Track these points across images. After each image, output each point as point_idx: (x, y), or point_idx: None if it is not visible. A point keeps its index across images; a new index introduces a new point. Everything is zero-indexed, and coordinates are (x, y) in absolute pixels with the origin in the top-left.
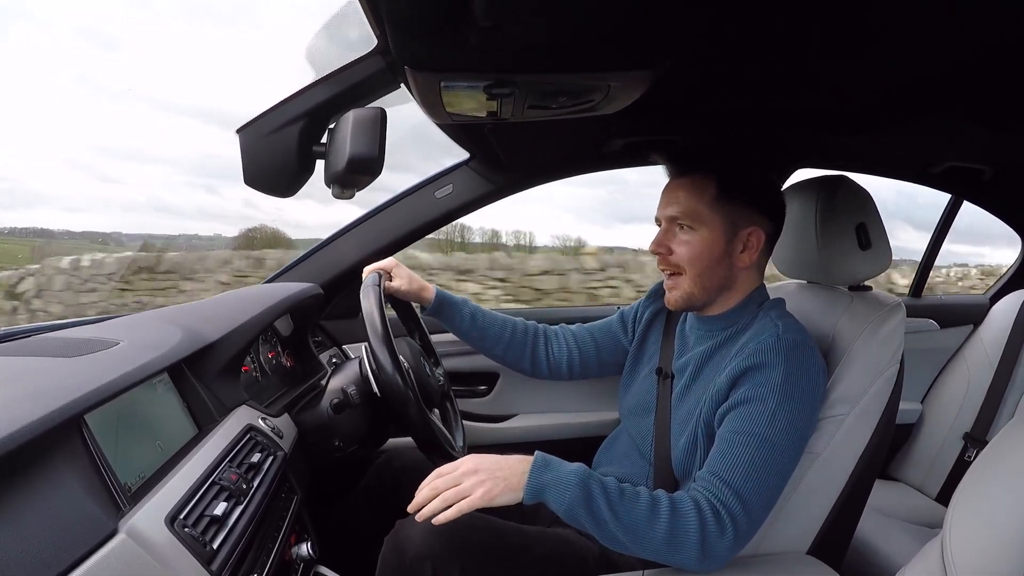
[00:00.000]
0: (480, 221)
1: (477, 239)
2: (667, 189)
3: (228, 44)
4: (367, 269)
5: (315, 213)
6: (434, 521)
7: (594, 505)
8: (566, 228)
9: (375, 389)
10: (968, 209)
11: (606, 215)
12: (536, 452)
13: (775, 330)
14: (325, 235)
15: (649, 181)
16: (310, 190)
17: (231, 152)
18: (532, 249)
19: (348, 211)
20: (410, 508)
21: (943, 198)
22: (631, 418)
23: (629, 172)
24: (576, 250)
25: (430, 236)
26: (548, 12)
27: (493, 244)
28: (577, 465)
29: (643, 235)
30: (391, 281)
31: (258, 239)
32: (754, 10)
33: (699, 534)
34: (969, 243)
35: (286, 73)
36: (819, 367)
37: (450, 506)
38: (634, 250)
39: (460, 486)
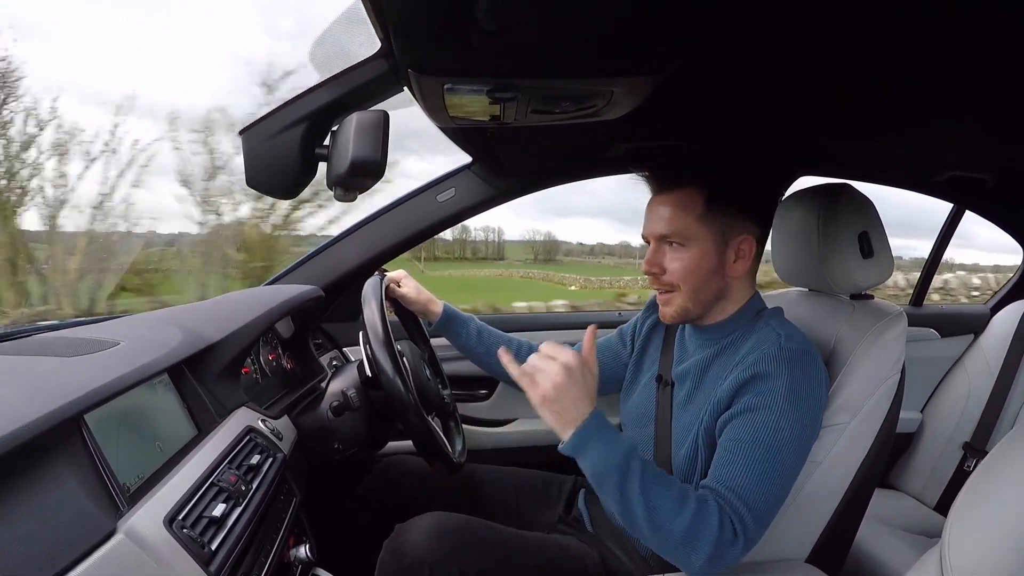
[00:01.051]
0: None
1: (448, 236)
2: (651, 206)
3: (152, 32)
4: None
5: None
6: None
7: (628, 480)
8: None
9: (367, 372)
10: (902, 201)
11: (543, 210)
12: (594, 409)
13: (777, 339)
14: None
15: None
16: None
17: (163, 146)
18: (500, 246)
19: None
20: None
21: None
22: (632, 426)
23: None
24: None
25: None
26: (551, 17)
27: (462, 240)
28: (625, 437)
29: (578, 229)
30: (399, 288)
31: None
32: (757, 16)
33: (716, 538)
34: (901, 236)
35: (211, 63)
36: (822, 376)
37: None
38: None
39: (541, 386)
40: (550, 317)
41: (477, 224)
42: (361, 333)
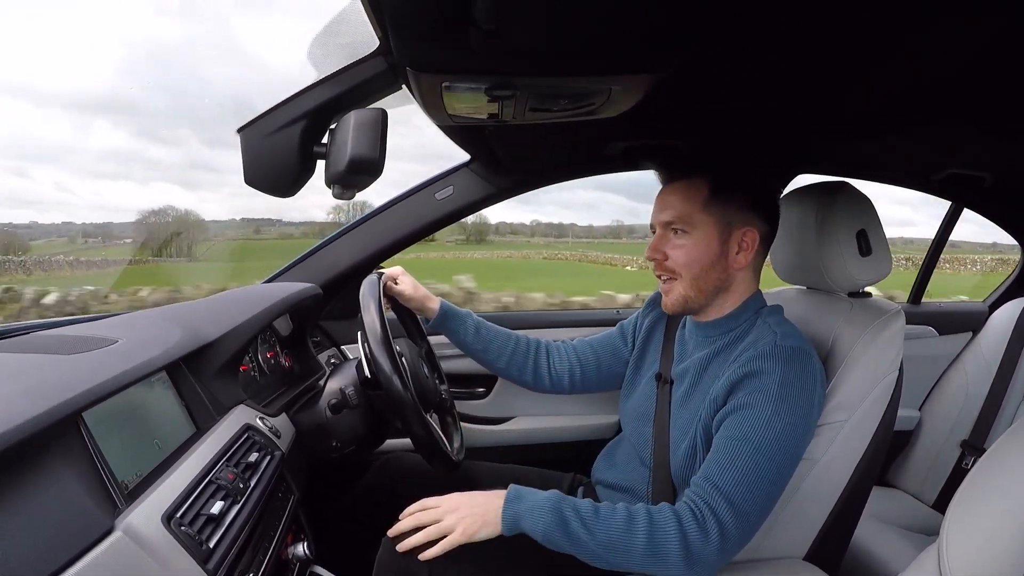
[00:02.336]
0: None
1: None
2: (660, 195)
3: (34, 14)
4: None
5: (133, 195)
6: (421, 556)
7: (570, 528)
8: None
9: (367, 373)
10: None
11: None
12: (510, 485)
13: (773, 337)
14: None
15: None
16: (128, 171)
17: (44, 131)
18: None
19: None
20: (390, 534)
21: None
22: (631, 424)
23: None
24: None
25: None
26: (549, 16)
27: None
28: (550, 492)
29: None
30: (396, 285)
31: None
32: (756, 16)
33: (680, 542)
34: None
35: (102, 48)
36: (817, 374)
37: (433, 543)
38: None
39: (442, 523)
40: (547, 316)
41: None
42: (360, 333)
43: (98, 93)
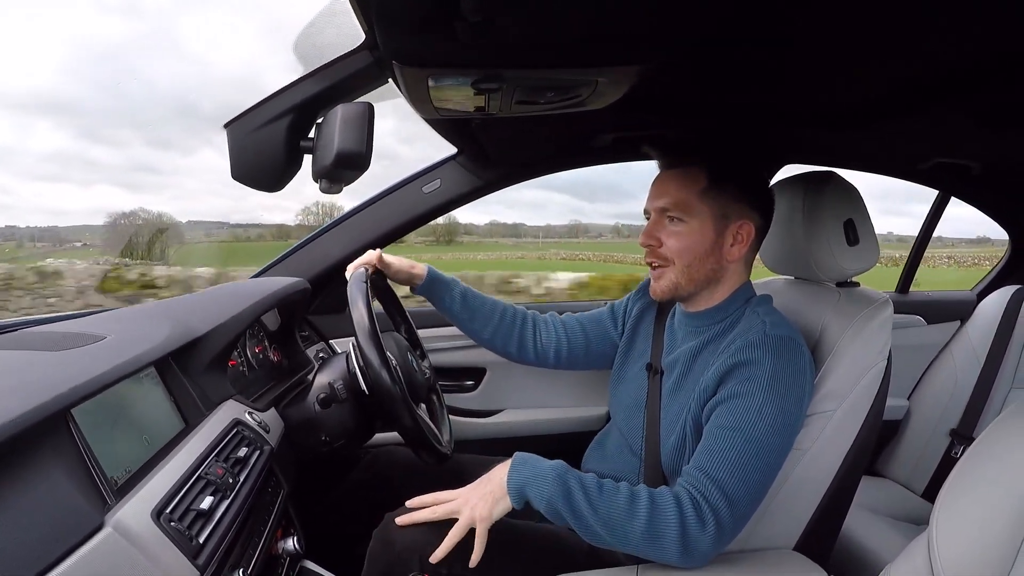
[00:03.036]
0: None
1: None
2: (657, 181)
3: None
4: (351, 266)
5: (74, 197)
6: (449, 538)
7: (573, 499)
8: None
9: (364, 387)
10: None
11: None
12: (515, 452)
13: (762, 327)
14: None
15: (421, 157)
16: (65, 172)
17: None
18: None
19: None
20: (399, 521)
21: None
22: (622, 415)
23: (402, 146)
24: None
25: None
26: (536, 7)
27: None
28: (555, 461)
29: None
30: (379, 263)
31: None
32: (743, 8)
33: (678, 528)
34: None
35: (42, 47)
36: (806, 363)
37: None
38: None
39: (449, 504)
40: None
41: (498, 205)
42: (352, 341)
43: (38, 93)
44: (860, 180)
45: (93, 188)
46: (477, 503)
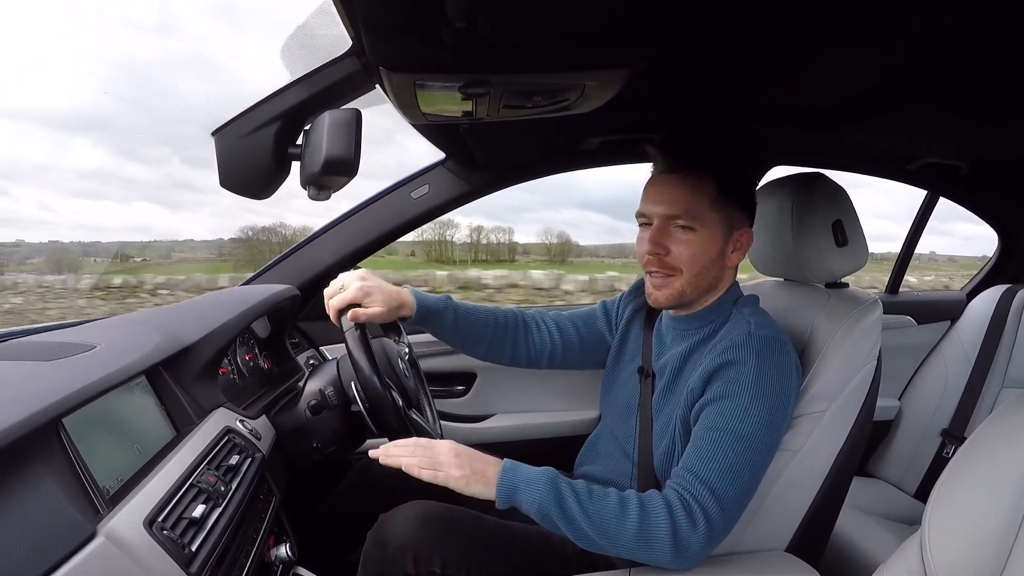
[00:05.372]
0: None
1: (465, 237)
2: (659, 184)
3: (6, 29)
4: (333, 308)
5: (113, 214)
6: (407, 470)
7: (564, 504)
8: None
9: (360, 405)
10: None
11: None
12: (504, 459)
13: (747, 327)
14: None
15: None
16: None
17: (18, 150)
18: (513, 246)
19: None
20: (374, 453)
21: None
22: (614, 418)
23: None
24: None
25: None
26: (522, 12)
27: (476, 242)
28: (545, 468)
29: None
30: (367, 309)
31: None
32: (729, 8)
33: (669, 530)
34: None
35: (79, 65)
36: (792, 363)
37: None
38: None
39: (438, 461)
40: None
41: (490, 224)
42: (354, 383)
43: (76, 110)
44: (887, 198)
45: (132, 205)
46: (466, 467)
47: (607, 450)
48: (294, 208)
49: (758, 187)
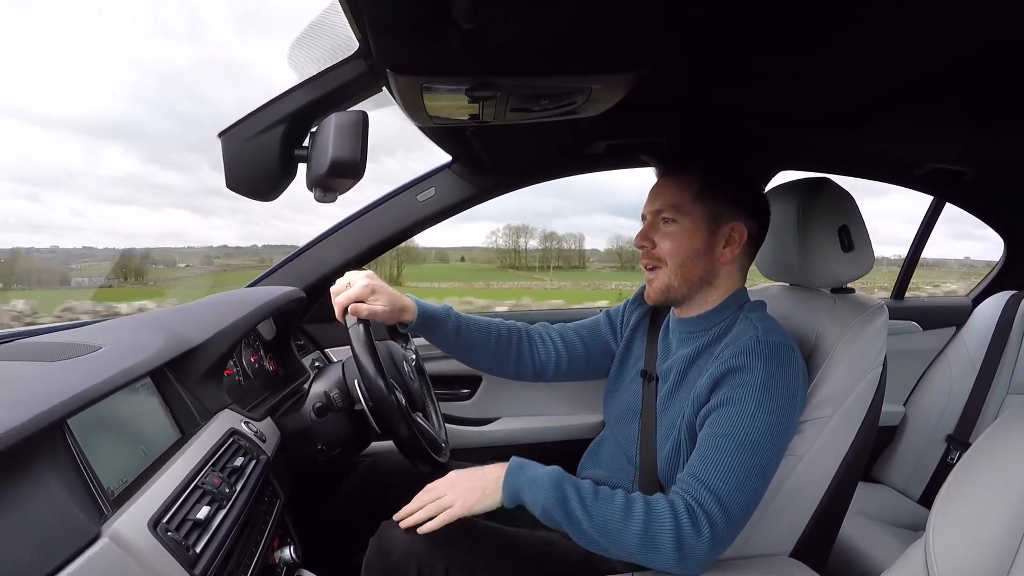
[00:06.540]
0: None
1: (535, 243)
2: (655, 187)
3: (39, 36)
4: (339, 304)
5: (145, 220)
6: (419, 530)
7: (569, 505)
8: None
9: (363, 405)
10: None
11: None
12: (512, 457)
13: (755, 332)
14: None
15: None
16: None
17: (51, 157)
18: (583, 253)
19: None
20: (396, 517)
21: None
22: (617, 422)
23: None
24: None
25: None
26: (529, 14)
27: (548, 248)
28: (552, 467)
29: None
30: (371, 307)
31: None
32: (737, 11)
33: (674, 535)
34: None
35: (110, 72)
36: (799, 369)
37: (432, 518)
38: None
39: (441, 500)
40: (534, 316)
41: (562, 230)
42: (357, 381)
43: (106, 117)
44: (919, 203)
45: (162, 211)
46: (465, 493)
47: (609, 454)
48: (322, 214)
49: (764, 192)
